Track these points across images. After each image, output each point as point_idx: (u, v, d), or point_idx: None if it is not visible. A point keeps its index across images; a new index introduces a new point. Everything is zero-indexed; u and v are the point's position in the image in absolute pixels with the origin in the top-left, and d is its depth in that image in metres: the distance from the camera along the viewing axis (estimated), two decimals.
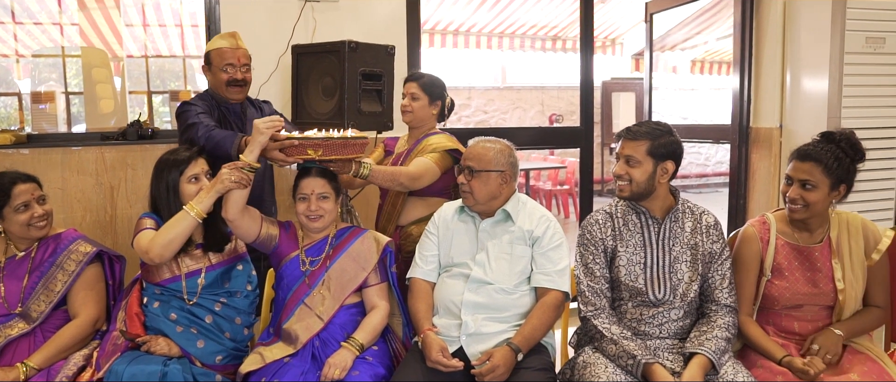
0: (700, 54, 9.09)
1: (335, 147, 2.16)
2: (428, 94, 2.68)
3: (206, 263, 2.21)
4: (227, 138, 2.38)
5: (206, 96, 2.71)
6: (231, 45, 2.67)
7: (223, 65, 2.64)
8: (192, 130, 2.47)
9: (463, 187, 2.22)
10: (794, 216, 2.07)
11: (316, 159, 2.15)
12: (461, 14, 7.28)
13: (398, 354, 2.25)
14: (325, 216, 2.21)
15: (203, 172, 2.21)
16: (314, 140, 2.12)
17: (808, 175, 2.00)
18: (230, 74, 2.64)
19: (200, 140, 2.40)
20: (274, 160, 2.20)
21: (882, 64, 3.76)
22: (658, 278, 2.06)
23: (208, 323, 2.16)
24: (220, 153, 2.37)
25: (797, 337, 2.08)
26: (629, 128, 2.09)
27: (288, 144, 2.11)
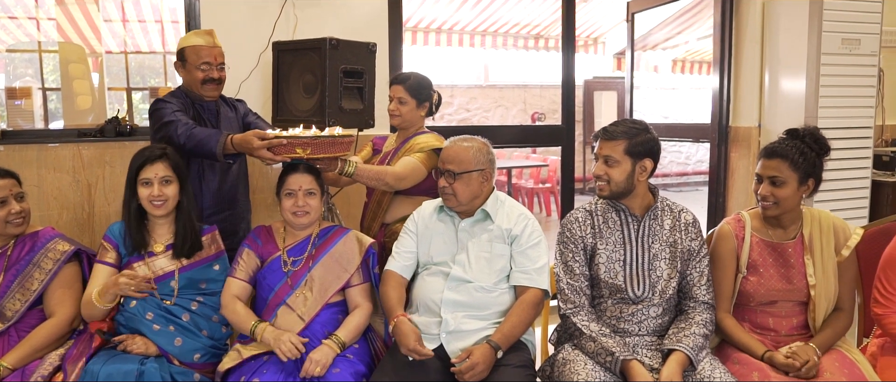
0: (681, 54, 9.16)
1: (323, 146, 2.17)
2: (415, 97, 2.67)
3: (179, 264, 2.20)
4: (211, 137, 2.35)
5: (179, 94, 2.65)
6: (207, 43, 2.63)
7: (199, 63, 2.60)
8: (169, 128, 2.42)
9: (445, 190, 2.21)
10: (768, 213, 2.10)
11: (304, 158, 2.15)
12: (444, 12, 7.28)
13: (379, 352, 2.25)
14: (311, 213, 2.20)
15: (157, 176, 2.16)
16: (303, 139, 2.13)
17: (777, 171, 2.05)
18: (206, 73, 2.60)
19: (180, 139, 2.36)
20: (262, 158, 2.20)
21: (857, 65, 3.82)
22: (637, 275, 2.08)
23: (185, 321, 2.15)
24: (203, 152, 2.35)
25: (772, 333, 2.11)
26: (606, 128, 2.10)
27: (276, 143, 2.11)
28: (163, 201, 2.16)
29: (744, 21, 4.18)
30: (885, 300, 2.08)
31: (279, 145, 2.14)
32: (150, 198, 2.15)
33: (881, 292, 2.10)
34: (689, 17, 7.47)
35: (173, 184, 2.19)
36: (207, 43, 2.63)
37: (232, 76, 3.17)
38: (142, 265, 2.17)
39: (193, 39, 2.62)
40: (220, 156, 2.33)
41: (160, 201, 2.16)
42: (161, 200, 2.16)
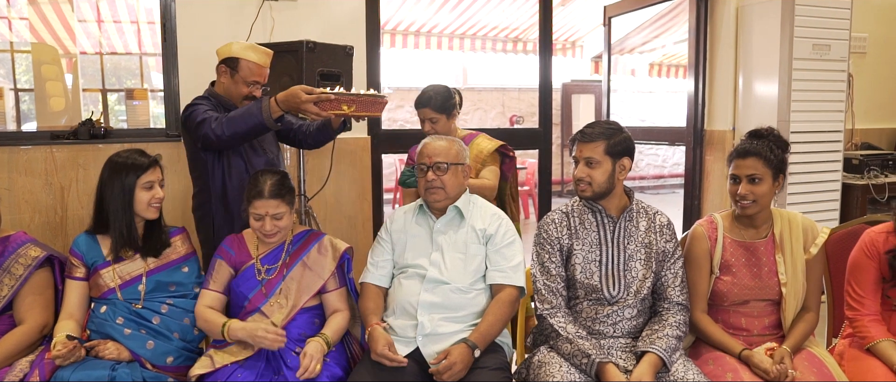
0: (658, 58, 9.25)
1: (366, 104, 2.25)
2: (443, 112, 2.71)
3: (146, 268, 2.18)
4: (250, 110, 2.29)
5: (208, 97, 2.56)
6: (265, 63, 2.56)
7: (251, 80, 2.51)
8: (203, 126, 2.34)
9: (434, 184, 2.22)
10: (747, 212, 2.13)
11: (348, 114, 2.22)
12: (422, 15, 7.28)
13: (355, 356, 2.25)
14: (281, 231, 2.19)
15: (158, 179, 2.19)
16: (348, 96, 2.21)
17: (754, 169, 2.09)
18: (250, 91, 2.53)
19: (216, 131, 2.30)
20: (307, 113, 2.21)
21: (827, 70, 3.90)
22: (613, 275, 2.10)
23: (156, 324, 2.13)
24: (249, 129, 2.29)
25: (744, 333, 2.14)
26: (583, 131, 2.12)
27: (324, 98, 2.16)
28: (159, 203, 2.19)
29: (718, 26, 4.24)
30: (857, 304, 2.12)
31: (326, 100, 2.17)
32: (151, 202, 2.16)
33: (852, 295, 2.14)
34: (665, 21, 7.55)
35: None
36: (264, 63, 2.56)
37: (208, 78, 3.15)
38: (110, 270, 2.15)
39: (252, 55, 2.52)
40: (270, 120, 2.27)
41: (158, 203, 2.19)
42: (159, 201, 2.19)
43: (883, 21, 4.83)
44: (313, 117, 2.25)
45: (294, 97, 2.22)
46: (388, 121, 9.26)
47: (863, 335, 2.08)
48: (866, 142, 4.72)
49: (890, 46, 4.90)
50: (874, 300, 2.12)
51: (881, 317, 2.11)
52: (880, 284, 2.12)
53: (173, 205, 3.14)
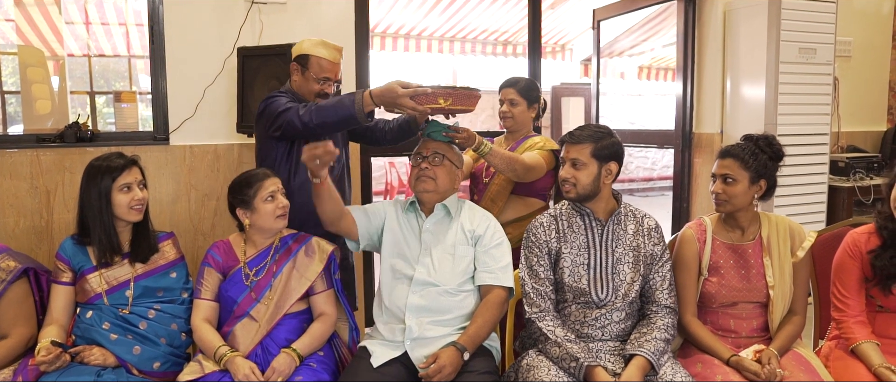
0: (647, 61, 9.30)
1: (461, 98, 2.23)
2: (526, 98, 2.72)
3: (133, 273, 2.16)
4: (341, 101, 2.25)
5: (286, 93, 2.51)
6: (335, 59, 2.52)
7: (321, 76, 2.48)
8: (288, 113, 2.31)
9: (426, 172, 2.23)
10: (720, 210, 2.18)
11: (445, 108, 2.21)
12: (412, 18, 7.28)
13: (344, 359, 2.24)
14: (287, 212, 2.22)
15: (136, 181, 2.15)
16: (445, 89, 2.19)
17: (728, 169, 2.13)
18: (322, 87, 2.50)
19: (303, 118, 2.27)
20: (403, 107, 2.20)
21: (813, 73, 3.92)
22: (601, 278, 2.11)
23: (143, 329, 2.11)
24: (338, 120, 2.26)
25: (733, 335, 2.16)
26: (571, 132, 2.14)
27: (420, 92, 2.16)
28: (142, 205, 2.16)
29: (706, 30, 4.26)
30: (843, 305, 2.14)
31: (423, 94, 2.16)
32: (131, 204, 2.13)
33: (837, 296, 2.17)
34: (654, 24, 7.59)
35: (145, 188, 2.19)
36: (335, 59, 2.52)
37: (196, 81, 3.14)
38: (96, 275, 2.13)
39: (322, 51, 2.49)
40: (361, 114, 2.24)
41: (140, 206, 2.15)
42: (141, 204, 2.15)
43: (867, 25, 4.87)
44: (409, 112, 2.24)
45: (390, 92, 2.19)
46: None
47: (847, 336, 2.10)
48: (852, 144, 4.76)
49: (874, 50, 4.95)
50: (859, 301, 2.14)
51: (866, 318, 2.13)
52: (863, 284, 2.14)
53: (162, 209, 3.12)
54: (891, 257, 2.07)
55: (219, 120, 3.20)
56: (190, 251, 3.15)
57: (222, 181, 3.21)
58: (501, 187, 2.68)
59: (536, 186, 2.67)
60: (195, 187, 3.19)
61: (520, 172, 2.51)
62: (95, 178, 2.11)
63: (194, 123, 3.16)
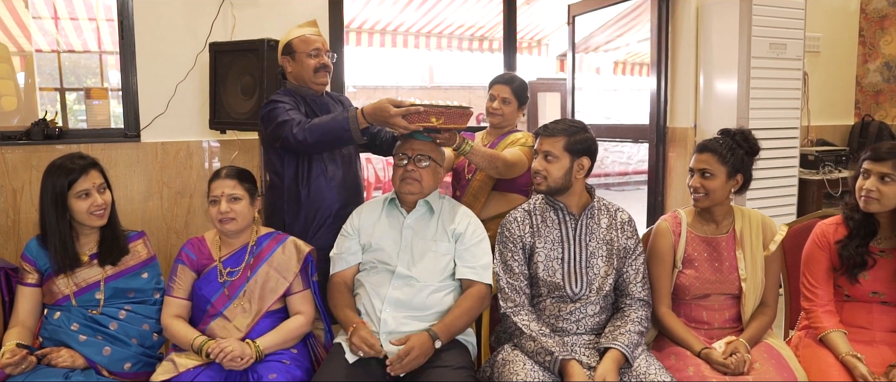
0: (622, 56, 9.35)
1: (454, 116, 2.22)
2: (518, 98, 2.72)
3: (103, 274, 2.11)
4: (336, 119, 2.25)
5: (288, 92, 2.51)
6: (314, 31, 2.52)
7: (310, 50, 2.47)
8: (283, 128, 2.31)
9: (412, 175, 2.22)
10: (698, 205, 2.20)
11: (437, 127, 2.18)
12: (388, 13, 7.24)
13: (319, 358, 2.22)
14: (237, 219, 2.14)
15: (94, 186, 2.08)
16: (437, 108, 2.18)
17: (706, 164, 2.16)
18: (318, 59, 2.48)
19: (297, 136, 2.27)
20: (395, 127, 2.18)
21: (784, 68, 3.98)
22: (575, 272, 2.12)
23: (113, 330, 2.07)
24: (333, 139, 2.26)
25: (706, 326, 2.19)
26: (546, 125, 2.15)
27: (412, 110, 2.13)
28: (104, 210, 2.09)
29: (679, 25, 4.30)
30: (812, 295, 2.19)
31: (416, 112, 2.14)
32: (90, 209, 2.06)
33: (807, 286, 2.21)
34: (629, 20, 7.64)
35: (107, 192, 2.13)
36: (313, 32, 2.52)
37: (167, 77, 3.10)
38: (63, 277, 2.08)
39: (298, 31, 2.50)
40: (357, 133, 2.23)
41: (101, 211, 2.09)
42: (101, 209, 2.08)
43: (835, 21, 4.96)
44: (401, 131, 2.20)
45: (382, 111, 2.17)
46: None
47: (816, 325, 2.14)
48: (821, 138, 4.84)
49: (842, 46, 5.04)
50: (827, 290, 2.18)
51: (834, 307, 2.18)
52: (831, 274, 2.19)
53: (133, 207, 3.08)
54: (856, 246, 2.12)
55: (191, 116, 3.16)
56: (163, 249, 3.11)
57: (195, 179, 3.17)
58: (483, 183, 2.68)
59: (518, 182, 2.67)
60: (167, 185, 3.15)
61: (501, 169, 2.51)
62: (51, 182, 2.04)
63: (166, 119, 3.12)
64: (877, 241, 2.15)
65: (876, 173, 2.07)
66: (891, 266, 2.12)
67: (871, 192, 2.07)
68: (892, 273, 2.11)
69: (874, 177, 2.08)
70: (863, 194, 2.10)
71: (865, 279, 2.13)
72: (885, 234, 2.15)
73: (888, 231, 2.14)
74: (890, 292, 2.12)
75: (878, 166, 2.07)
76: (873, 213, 2.11)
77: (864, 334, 2.13)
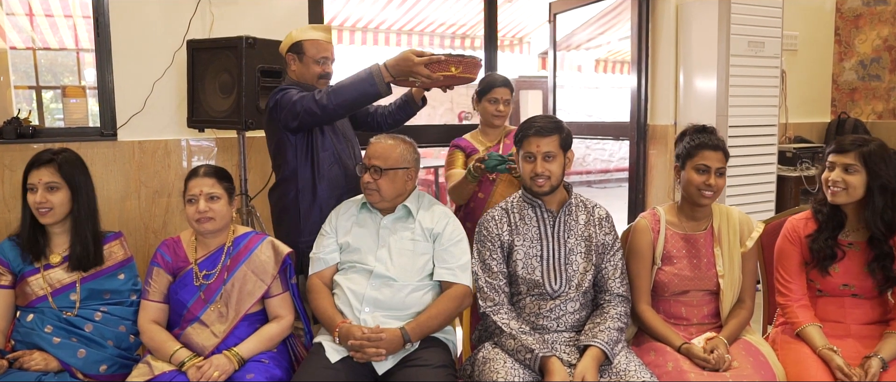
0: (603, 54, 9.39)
1: (469, 66, 2.29)
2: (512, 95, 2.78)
3: (79, 275, 2.07)
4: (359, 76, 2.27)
5: (292, 85, 2.49)
6: (326, 38, 2.54)
7: (319, 57, 2.50)
8: (304, 101, 2.30)
9: (369, 186, 2.20)
10: (707, 202, 2.17)
11: (455, 76, 2.26)
12: (369, 11, 7.21)
13: (299, 357, 2.20)
14: (215, 219, 2.10)
15: (41, 182, 2.02)
16: (455, 57, 2.25)
17: (722, 163, 2.16)
18: (323, 68, 2.51)
19: (321, 101, 2.26)
20: (418, 75, 2.21)
21: (762, 66, 4.02)
22: (554, 269, 2.12)
23: (88, 332, 2.03)
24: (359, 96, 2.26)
25: (684, 322, 2.21)
26: (538, 126, 2.13)
27: (434, 59, 2.20)
28: (48, 209, 2.02)
29: (659, 23, 4.33)
30: (786, 290, 2.22)
31: (437, 61, 2.20)
32: (34, 205, 2.02)
33: (780, 282, 2.24)
34: (610, 18, 7.67)
35: (61, 191, 2.05)
36: (326, 38, 2.54)
37: (144, 75, 3.06)
38: (38, 277, 2.04)
39: (312, 33, 2.51)
40: (383, 86, 2.26)
41: (45, 209, 2.02)
42: (46, 207, 2.02)
43: (812, 20, 5.02)
44: (423, 80, 2.26)
45: (406, 61, 2.22)
46: None
47: (792, 320, 2.17)
48: (799, 135, 4.90)
49: (818, 44, 5.11)
50: (801, 285, 2.21)
51: (808, 302, 2.21)
52: (804, 268, 2.22)
53: (110, 207, 3.03)
54: (825, 239, 2.16)
55: (169, 115, 3.12)
56: (141, 249, 3.08)
57: (173, 178, 3.14)
58: (509, 185, 2.68)
59: None
60: (145, 184, 3.11)
61: None
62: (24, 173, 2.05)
63: (143, 117, 3.08)
64: (845, 233, 2.19)
65: (841, 164, 2.12)
66: (859, 258, 2.16)
67: (838, 183, 2.12)
68: (861, 265, 2.15)
69: (839, 169, 2.12)
70: (830, 186, 2.14)
71: (836, 271, 2.16)
72: (852, 226, 2.19)
73: (855, 224, 2.19)
74: (860, 284, 2.16)
75: (842, 158, 2.12)
76: (840, 206, 2.15)
77: (838, 328, 2.16)
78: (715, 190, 2.15)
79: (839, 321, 2.18)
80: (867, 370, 1.96)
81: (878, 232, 2.11)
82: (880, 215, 2.10)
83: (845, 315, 2.19)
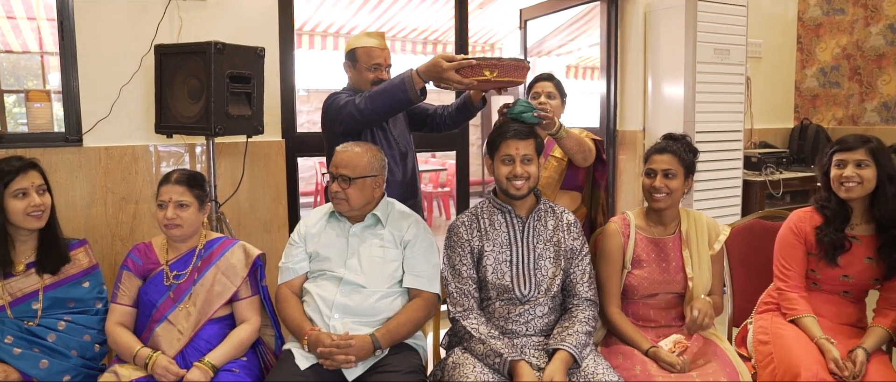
0: (574, 60, 9.48)
1: (508, 69, 2.17)
2: (560, 93, 2.73)
3: (41, 283, 2.04)
4: (392, 83, 2.29)
5: (346, 91, 2.63)
6: (379, 44, 2.60)
7: (371, 64, 2.60)
8: (348, 107, 2.40)
9: (338, 195, 2.19)
10: (659, 205, 2.23)
11: (492, 81, 2.16)
12: (341, 16, 7.20)
13: (269, 364, 2.19)
14: (183, 226, 2.10)
15: (33, 186, 2.02)
16: (490, 61, 2.15)
17: (669, 165, 2.20)
18: (376, 74, 2.60)
19: (360, 106, 2.35)
20: (449, 81, 2.17)
21: (728, 73, 4.10)
22: (523, 275, 2.14)
23: (51, 342, 1.99)
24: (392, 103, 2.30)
25: (653, 324, 2.25)
26: (516, 129, 2.15)
27: (465, 64, 2.11)
28: (42, 212, 2.03)
29: (628, 30, 4.38)
30: (786, 276, 2.29)
31: (468, 66, 2.13)
32: (27, 210, 1.99)
33: (781, 269, 2.31)
34: (580, 24, 7.75)
35: (48, 194, 2.07)
36: (379, 44, 2.62)
37: (111, 80, 3.01)
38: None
39: (365, 40, 2.61)
40: (414, 92, 2.26)
41: (39, 212, 2.02)
42: (40, 210, 2.02)
43: (775, 28, 5.14)
44: (455, 86, 2.21)
45: (435, 66, 2.20)
46: (307, 123, 9.09)
47: (791, 307, 2.24)
48: (764, 141, 5.01)
49: (782, 52, 5.23)
50: (800, 275, 2.28)
51: (806, 293, 2.28)
52: (805, 260, 2.29)
53: (75, 214, 2.98)
54: (834, 230, 2.23)
55: (136, 120, 3.07)
56: (108, 257, 3.02)
57: (141, 184, 3.09)
58: (550, 180, 2.66)
59: (578, 179, 2.69)
60: (112, 191, 3.06)
61: (586, 153, 2.53)
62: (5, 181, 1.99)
63: (109, 123, 3.03)
64: (850, 227, 2.26)
65: (852, 161, 2.19)
66: (861, 251, 2.23)
67: (852, 178, 2.19)
68: (863, 258, 2.23)
69: (851, 165, 2.20)
70: (844, 182, 2.20)
71: (840, 262, 2.23)
72: (857, 220, 2.26)
73: (860, 218, 2.26)
74: (859, 275, 2.24)
75: (852, 155, 2.20)
76: (851, 199, 2.22)
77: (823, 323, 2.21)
78: (664, 192, 2.20)
79: (826, 319, 2.25)
80: (855, 360, 2.04)
81: (889, 219, 2.19)
82: (890, 203, 2.18)
83: (831, 312, 2.27)
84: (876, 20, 4.93)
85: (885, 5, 4.86)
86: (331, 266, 2.19)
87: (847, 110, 5.14)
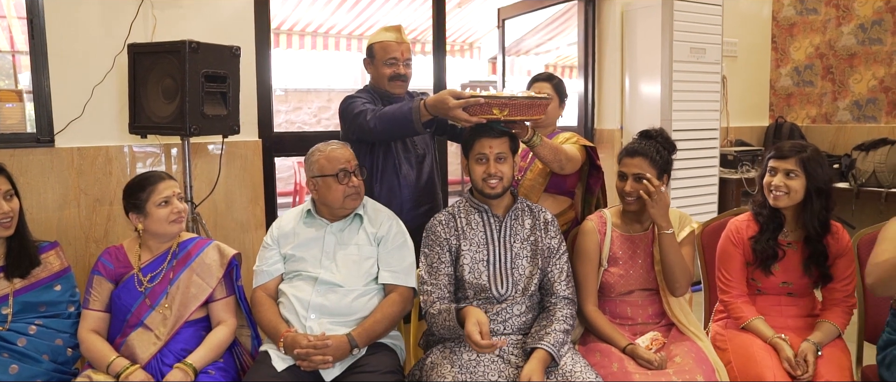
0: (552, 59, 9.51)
1: (520, 107, 2.11)
2: (558, 94, 2.69)
3: (12, 288, 2.00)
4: (402, 109, 2.27)
5: (368, 90, 2.66)
6: (396, 39, 2.58)
7: (387, 58, 2.59)
8: (359, 118, 2.40)
9: (360, 189, 2.22)
10: (630, 208, 2.24)
11: (501, 120, 2.09)
12: (319, 15, 7.15)
13: (245, 367, 2.17)
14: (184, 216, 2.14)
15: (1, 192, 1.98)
16: (500, 99, 2.08)
17: (640, 168, 2.19)
18: (393, 69, 2.60)
19: (370, 124, 2.34)
20: (456, 119, 2.11)
21: (704, 72, 4.15)
22: (500, 274, 2.14)
23: (22, 347, 1.95)
24: (399, 127, 2.29)
25: (630, 322, 2.26)
26: (490, 128, 2.15)
27: (473, 102, 2.05)
28: (10, 218, 1.99)
29: (605, 29, 4.41)
30: (728, 287, 2.30)
31: (476, 104, 2.06)
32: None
33: (722, 280, 2.32)
34: (558, 24, 7.78)
35: (15, 198, 2.03)
36: (396, 39, 2.61)
37: (84, 79, 2.96)
38: None
39: (381, 35, 2.62)
40: (419, 125, 2.23)
41: (8, 220, 1.99)
42: (8, 217, 1.99)
43: (750, 28, 5.21)
44: (464, 124, 2.14)
45: (442, 103, 2.12)
46: (285, 123, 9.02)
47: (737, 315, 2.25)
48: (739, 139, 5.07)
49: (757, 51, 5.30)
50: (741, 283, 2.30)
51: (749, 299, 2.30)
52: (745, 268, 2.31)
53: (47, 216, 2.92)
54: (767, 240, 2.25)
55: (109, 120, 3.03)
56: (82, 259, 2.97)
57: (115, 185, 3.04)
58: (534, 183, 2.64)
59: (567, 184, 2.65)
60: (85, 192, 3.01)
61: (563, 162, 2.46)
62: None
63: (82, 123, 2.98)
64: (784, 234, 2.28)
65: (782, 170, 2.21)
66: (797, 257, 2.25)
67: (780, 188, 2.20)
68: (799, 264, 2.25)
69: (781, 174, 2.21)
70: (772, 191, 2.22)
71: (776, 270, 2.25)
72: (790, 227, 2.28)
73: (793, 224, 2.28)
74: (797, 281, 2.26)
75: (783, 164, 2.21)
76: (780, 208, 2.23)
77: (774, 322, 2.25)
78: (634, 195, 2.19)
79: (776, 317, 2.27)
80: (805, 356, 2.07)
81: (815, 232, 2.21)
82: (817, 216, 2.20)
83: (781, 312, 2.29)
84: (847, 20, 5.01)
85: (857, 6, 4.95)
86: (306, 267, 2.18)
87: (820, 109, 5.22)
